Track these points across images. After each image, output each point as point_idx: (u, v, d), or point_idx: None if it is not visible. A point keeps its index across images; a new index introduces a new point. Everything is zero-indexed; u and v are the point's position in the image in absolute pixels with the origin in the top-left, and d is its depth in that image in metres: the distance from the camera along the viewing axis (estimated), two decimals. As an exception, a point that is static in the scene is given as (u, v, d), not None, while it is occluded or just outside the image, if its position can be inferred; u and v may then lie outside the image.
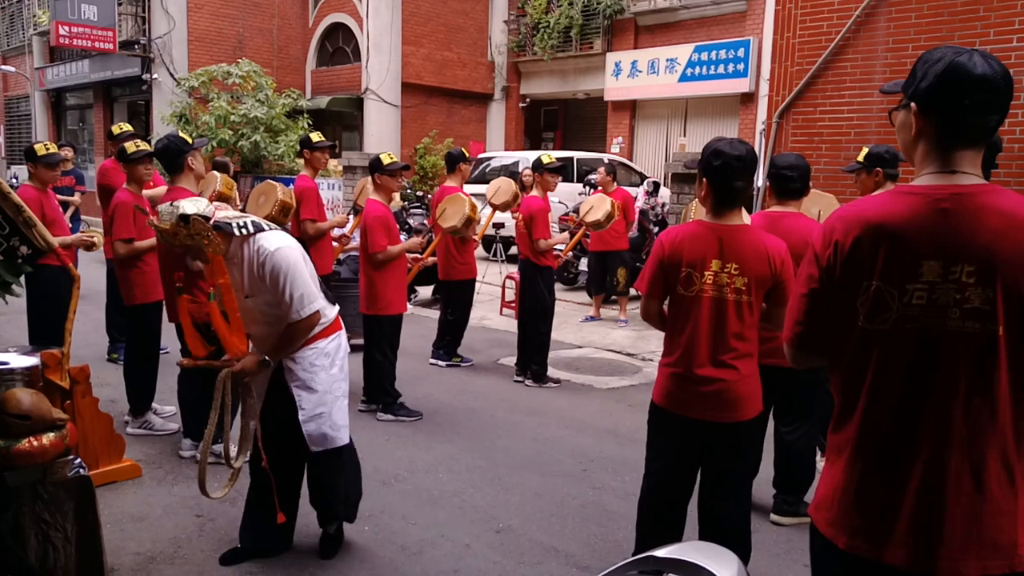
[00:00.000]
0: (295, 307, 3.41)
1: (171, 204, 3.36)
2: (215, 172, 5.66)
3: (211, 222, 3.34)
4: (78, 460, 3.18)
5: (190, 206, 3.33)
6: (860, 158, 5.00)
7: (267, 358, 3.54)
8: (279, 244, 3.43)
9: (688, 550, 2.14)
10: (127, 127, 7.13)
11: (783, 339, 2.09)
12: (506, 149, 20.85)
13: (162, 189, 5.38)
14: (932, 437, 1.80)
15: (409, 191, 16.87)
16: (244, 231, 3.41)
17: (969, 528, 1.77)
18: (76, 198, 10.33)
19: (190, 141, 4.92)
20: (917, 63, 1.87)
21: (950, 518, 1.77)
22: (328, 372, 3.67)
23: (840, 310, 1.90)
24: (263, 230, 3.47)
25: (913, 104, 1.85)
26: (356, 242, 8.21)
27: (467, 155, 7.63)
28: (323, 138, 6.72)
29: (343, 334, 3.82)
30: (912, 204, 1.81)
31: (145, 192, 5.62)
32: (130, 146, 5.40)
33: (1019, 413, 1.79)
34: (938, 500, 1.78)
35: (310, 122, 17.13)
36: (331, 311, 3.70)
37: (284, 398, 3.62)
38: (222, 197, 5.43)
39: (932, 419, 1.80)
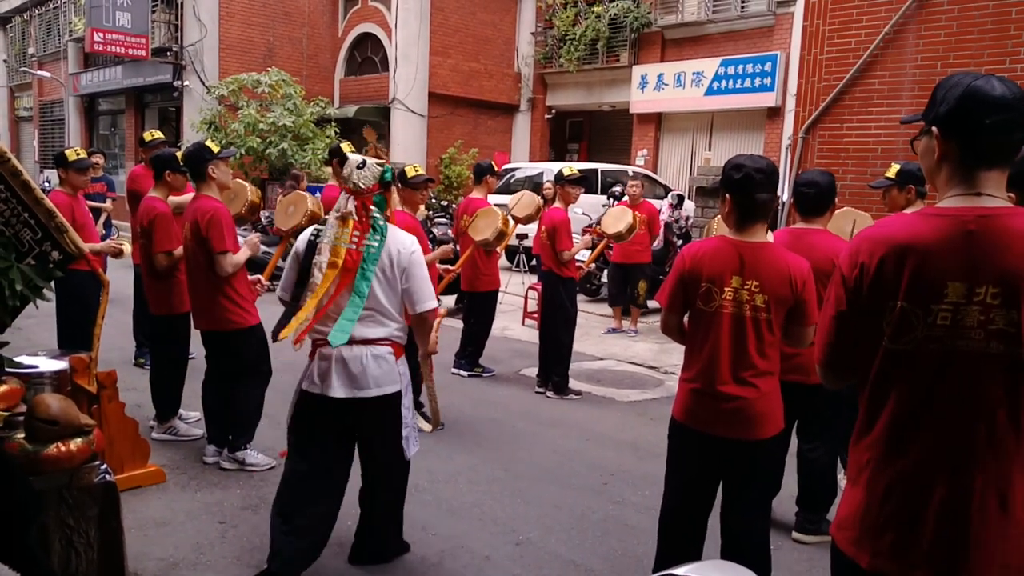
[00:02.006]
0: None
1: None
2: (239, 180, 5.69)
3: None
4: (104, 466, 3.22)
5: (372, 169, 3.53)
6: (890, 174, 4.91)
7: None
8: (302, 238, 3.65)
9: (707, 569, 2.15)
10: (158, 134, 7.23)
11: (815, 361, 2.11)
12: (531, 160, 20.87)
13: (188, 196, 5.42)
14: (956, 458, 1.80)
15: (434, 201, 16.93)
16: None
17: (994, 549, 1.77)
18: (108, 204, 10.45)
19: (215, 150, 4.94)
20: (936, 90, 1.90)
21: (975, 539, 1.78)
22: None
23: (867, 330, 1.91)
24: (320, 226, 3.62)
25: (935, 128, 1.87)
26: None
27: (496, 168, 7.66)
28: (354, 150, 6.77)
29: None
30: (939, 226, 1.83)
31: (172, 199, 5.66)
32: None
33: None
34: (962, 521, 1.79)
35: (337, 130, 17.25)
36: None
37: None
38: (253, 207, 5.47)
39: (956, 440, 1.80)
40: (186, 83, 18.89)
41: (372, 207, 3.54)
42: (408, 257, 3.54)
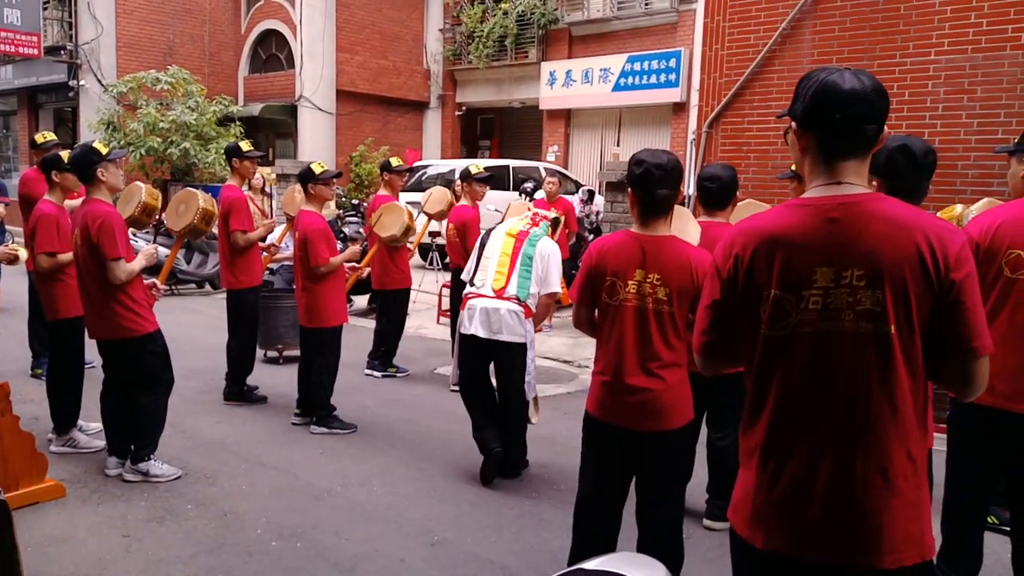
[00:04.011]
0: None
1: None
2: (138, 183, 5.49)
3: None
4: (-6, 483, 3.07)
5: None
6: (793, 167, 5.10)
7: None
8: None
9: (617, 561, 2.15)
10: (51, 136, 6.93)
11: (692, 348, 2.18)
12: (442, 157, 20.78)
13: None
14: (837, 436, 1.88)
15: (344, 199, 16.70)
16: None
17: (880, 522, 1.85)
18: (0, 210, 9.95)
19: (103, 152, 4.75)
20: (798, 85, 1.98)
21: (861, 513, 1.85)
22: None
23: (746, 319, 2.00)
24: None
25: (794, 124, 1.98)
26: (286, 251, 8.10)
27: (393, 166, 7.57)
28: (252, 147, 6.64)
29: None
30: (804, 215, 1.92)
31: (68, 203, 5.46)
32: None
33: (919, 407, 1.89)
34: (848, 496, 1.86)
35: (242, 129, 16.87)
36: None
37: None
38: (148, 209, 5.29)
39: (836, 419, 1.88)
40: (82, 82, 18.19)
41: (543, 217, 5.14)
42: (548, 255, 4.93)
